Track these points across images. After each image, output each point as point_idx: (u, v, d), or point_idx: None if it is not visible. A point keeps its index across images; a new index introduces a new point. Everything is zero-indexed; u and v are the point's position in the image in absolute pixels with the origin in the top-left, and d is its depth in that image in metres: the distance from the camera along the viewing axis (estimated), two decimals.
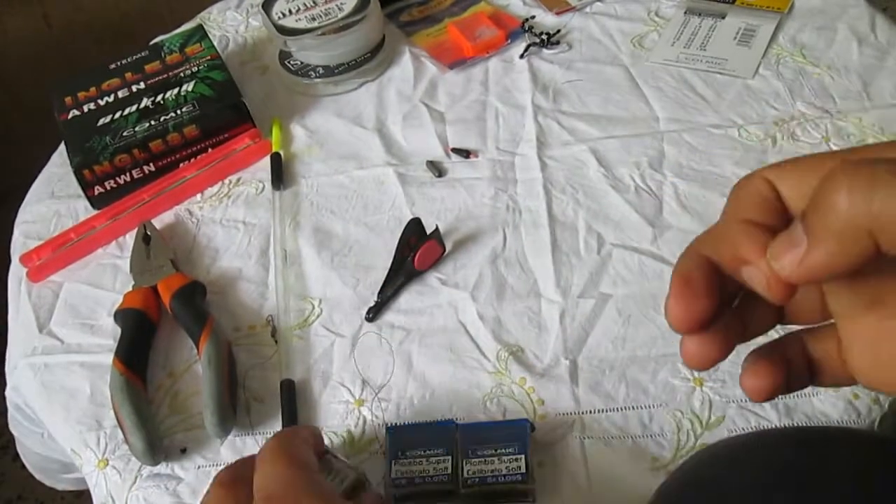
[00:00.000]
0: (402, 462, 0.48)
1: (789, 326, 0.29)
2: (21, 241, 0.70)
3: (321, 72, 0.79)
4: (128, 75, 0.77)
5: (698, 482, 0.38)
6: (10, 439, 0.71)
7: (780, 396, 0.50)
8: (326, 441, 0.53)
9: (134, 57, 0.79)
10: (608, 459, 0.49)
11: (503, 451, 0.47)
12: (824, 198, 0.22)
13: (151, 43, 0.82)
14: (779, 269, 0.24)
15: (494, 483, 0.46)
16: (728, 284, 0.26)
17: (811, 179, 0.24)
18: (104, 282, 0.65)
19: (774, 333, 0.29)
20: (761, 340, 0.29)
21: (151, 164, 0.71)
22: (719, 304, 0.26)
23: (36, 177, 0.77)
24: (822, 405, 0.50)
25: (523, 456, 0.46)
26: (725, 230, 0.26)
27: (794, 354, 0.28)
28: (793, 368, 0.28)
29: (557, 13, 0.83)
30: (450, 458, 0.47)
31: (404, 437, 0.49)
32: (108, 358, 0.57)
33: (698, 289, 0.26)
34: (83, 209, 0.71)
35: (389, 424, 0.51)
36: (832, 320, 0.28)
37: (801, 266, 0.23)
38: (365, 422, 0.53)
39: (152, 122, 0.71)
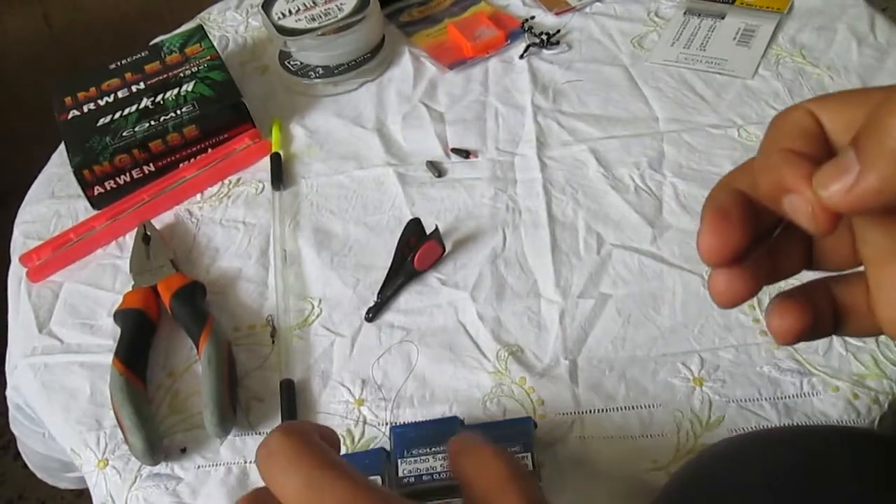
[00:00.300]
0: (408, 460, 0.47)
1: (816, 274, 0.29)
2: (21, 241, 0.70)
3: (321, 72, 0.79)
4: (128, 75, 0.77)
5: (701, 482, 0.38)
6: (11, 439, 0.71)
7: (779, 396, 0.50)
8: None
9: (134, 57, 0.79)
10: (608, 459, 0.49)
11: (509, 448, 0.46)
12: (880, 121, 0.21)
13: (151, 43, 0.82)
14: (826, 197, 0.22)
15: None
16: (761, 220, 0.26)
17: (857, 111, 0.24)
18: (104, 282, 0.65)
19: (796, 281, 0.29)
20: (783, 287, 0.28)
21: (151, 165, 0.71)
22: (752, 239, 0.25)
23: (36, 177, 0.77)
24: (822, 405, 0.50)
25: (529, 454, 0.46)
26: (765, 161, 0.25)
27: (820, 300, 0.28)
28: (818, 315, 0.27)
29: (557, 13, 0.83)
30: None
31: (409, 436, 0.49)
32: (108, 358, 0.57)
33: (734, 220, 0.25)
34: (83, 209, 0.71)
35: (394, 424, 0.51)
36: (860, 267, 0.27)
37: (852, 193, 0.22)
38: (365, 421, 0.53)
39: (152, 123, 0.71)
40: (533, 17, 0.83)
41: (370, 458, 0.48)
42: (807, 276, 0.28)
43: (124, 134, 0.70)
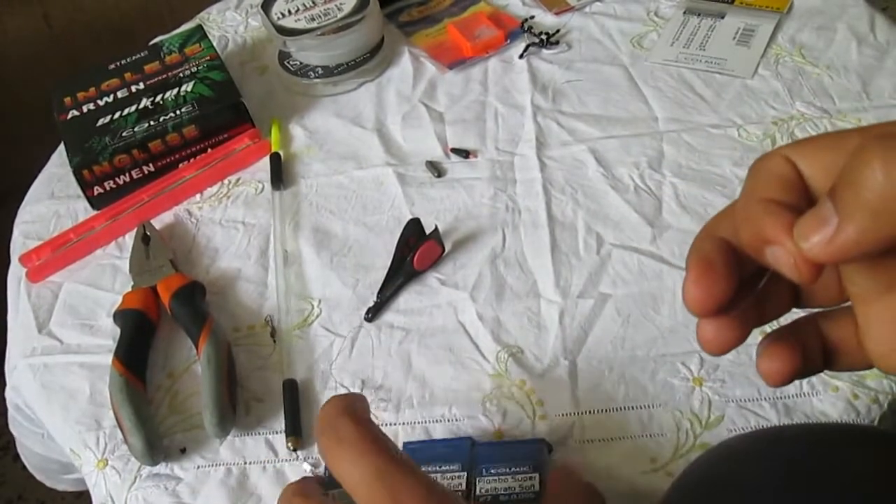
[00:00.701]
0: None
1: (804, 310, 0.29)
2: (20, 241, 0.70)
3: (320, 72, 0.79)
4: (127, 75, 0.77)
5: (705, 483, 0.38)
6: (11, 440, 0.71)
7: (779, 396, 0.50)
8: None
9: (133, 57, 0.79)
10: (608, 459, 0.49)
11: (517, 469, 0.45)
12: (857, 172, 0.21)
13: (151, 43, 0.82)
14: (807, 249, 0.23)
15: (507, 501, 0.44)
16: (746, 268, 0.26)
17: (834, 156, 0.24)
18: (103, 282, 0.65)
19: (785, 318, 0.29)
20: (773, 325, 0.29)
21: (151, 165, 0.71)
22: (737, 288, 0.25)
23: (35, 177, 0.77)
24: (822, 405, 0.50)
25: (538, 475, 0.45)
26: (746, 210, 0.25)
27: (809, 338, 0.28)
28: (807, 352, 0.27)
29: (557, 13, 0.83)
30: (465, 474, 0.46)
31: (420, 453, 0.48)
32: (108, 358, 0.57)
33: (719, 270, 0.25)
34: (82, 209, 0.71)
35: (407, 441, 0.51)
36: (848, 303, 0.27)
37: (832, 244, 0.22)
38: None
39: (152, 123, 0.71)
40: (532, 17, 0.82)
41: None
42: (795, 312, 0.28)
43: (124, 134, 0.70)
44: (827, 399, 0.50)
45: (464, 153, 0.70)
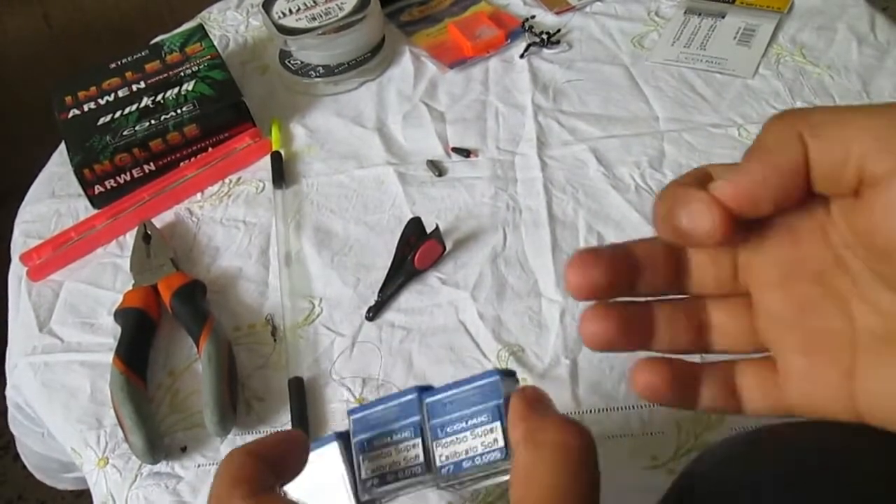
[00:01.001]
0: (370, 455, 0.38)
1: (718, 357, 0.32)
2: (21, 240, 0.70)
3: (321, 71, 0.79)
4: (128, 75, 0.77)
5: (708, 480, 0.38)
6: (11, 439, 0.71)
7: None
8: None
9: (134, 56, 0.79)
10: (608, 459, 0.49)
11: (475, 421, 0.36)
12: (759, 137, 0.26)
13: (152, 42, 0.82)
14: (718, 191, 0.27)
15: (471, 468, 0.35)
16: (634, 276, 0.29)
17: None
18: (104, 281, 0.65)
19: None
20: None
21: (151, 164, 0.71)
22: (616, 281, 0.29)
23: (36, 176, 0.77)
24: None
25: (498, 424, 0.35)
26: (661, 197, 0.30)
27: (718, 380, 0.30)
28: (717, 392, 0.30)
29: (557, 13, 0.83)
30: (419, 440, 0.37)
31: (369, 421, 0.38)
32: (109, 357, 0.57)
33: (602, 257, 0.29)
34: (83, 208, 0.71)
35: (351, 407, 0.40)
36: (764, 354, 0.30)
37: (737, 185, 0.26)
38: None
39: (152, 122, 0.71)
40: (533, 17, 0.83)
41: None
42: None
43: (124, 133, 0.70)
44: None
45: (465, 152, 0.70)
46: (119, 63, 0.78)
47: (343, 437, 0.39)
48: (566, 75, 0.76)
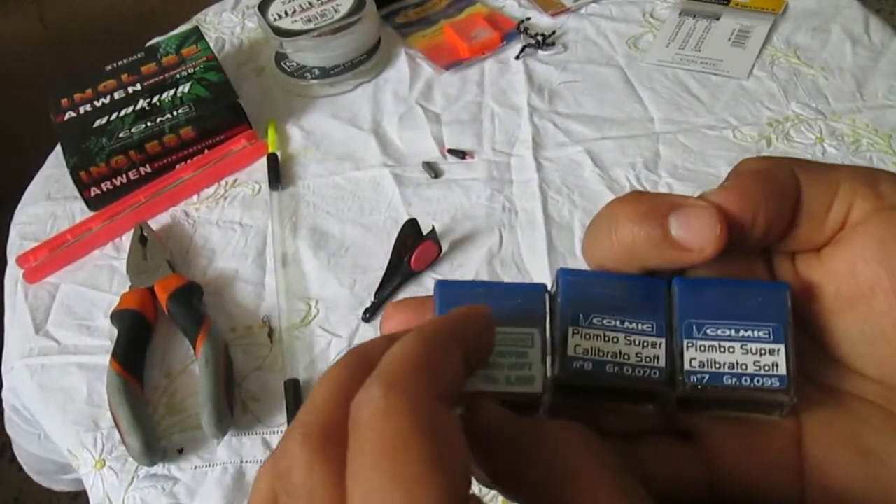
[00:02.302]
0: (584, 331, 0.26)
1: None
2: (17, 242, 0.70)
3: (317, 73, 0.79)
4: (124, 77, 0.77)
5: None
6: (7, 441, 0.71)
7: None
8: None
9: (130, 59, 0.79)
10: None
11: (748, 333, 0.26)
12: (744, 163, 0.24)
13: (147, 45, 0.82)
14: (710, 195, 0.24)
15: (734, 387, 0.25)
16: None
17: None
18: (101, 283, 0.65)
19: None
20: None
21: (148, 166, 0.71)
22: None
23: (32, 178, 0.77)
24: None
25: (782, 347, 0.25)
26: (631, 219, 0.25)
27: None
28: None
29: (553, 15, 0.83)
30: (663, 340, 0.26)
31: (586, 294, 0.27)
32: (105, 359, 0.57)
33: None
34: (79, 210, 0.71)
35: (561, 268, 0.27)
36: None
37: (733, 189, 0.23)
38: None
39: (148, 124, 0.71)
40: (529, 19, 0.83)
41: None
42: None
43: (121, 135, 0.70)
44: None
45: (460, 154, 0.70)
46: (115, 65, 0.78)
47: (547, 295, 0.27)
48: (561, 77, 0.76)
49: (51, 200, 0.73)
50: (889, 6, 1.78)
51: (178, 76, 0.75)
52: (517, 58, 0.79)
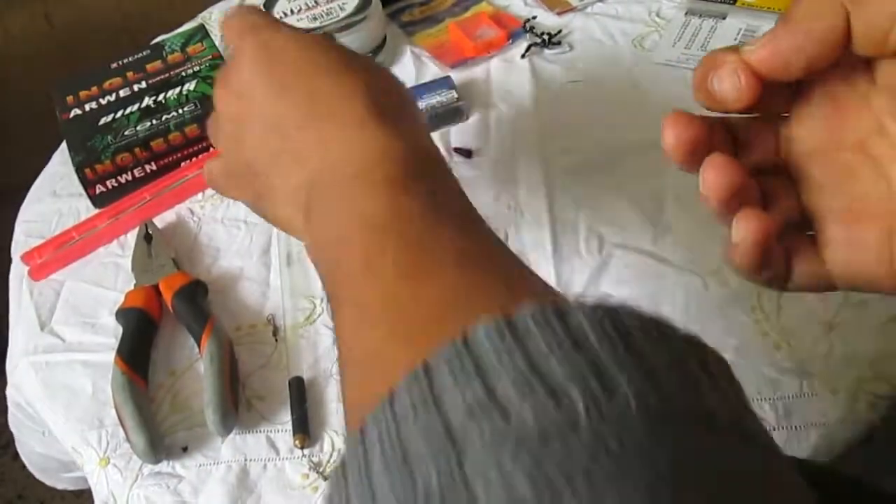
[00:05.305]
0: None
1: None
2: (22, 239, 0.70)
3: None
4: (129, 74, 0.77)
5: None
6: (11, 438, 0.71)
7: (779, 397, 0.50)
8: (328, 445, 0.53)
9: (135, 56, 0.79)
10: None
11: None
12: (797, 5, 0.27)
13: (153, 42, 0.83)
14: (746, 53, 0.28)
15: None
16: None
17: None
18: (106, 280, 0.65)
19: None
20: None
21: (153, 163, 0.71)
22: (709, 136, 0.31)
23: (37, 176, 0.77)
24: (822, 405, 0.50)
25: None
26: (697, 68, 0.33)
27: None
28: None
29: (559, 13, 0.83)
30: None
31: None
32: (110, 357, 0.57)
33: (688, 119, 0.32)
34: (84, 208, 0.71)
35: None
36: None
37: (765, 48, 0.27)
38: None
39: (154, 122, 0.71)
40: (534, 17, 0.83)
41: None
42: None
43: (126, 133, 0.70)
44: (826, 400, 0.50)
45: (466, 153, 0.70)
46: (120, 63, 0.78)
47: None
48: (567, 76, 0.76)
49: (56, 198, 0.73)
50: None
51: (183, 74, 0.76)
52: (523, 56, 0.79)
